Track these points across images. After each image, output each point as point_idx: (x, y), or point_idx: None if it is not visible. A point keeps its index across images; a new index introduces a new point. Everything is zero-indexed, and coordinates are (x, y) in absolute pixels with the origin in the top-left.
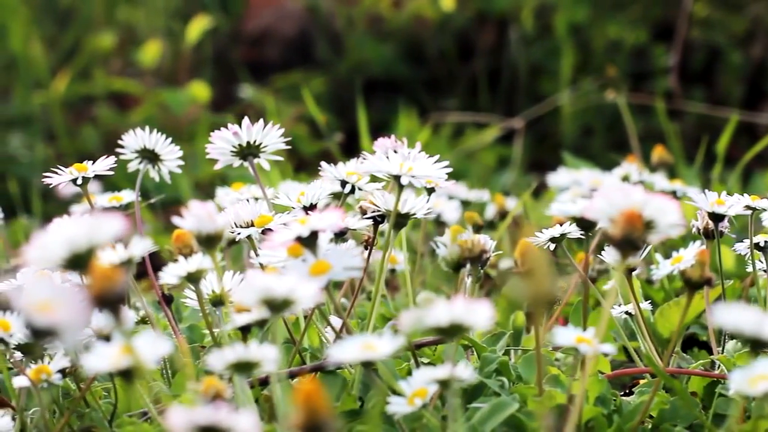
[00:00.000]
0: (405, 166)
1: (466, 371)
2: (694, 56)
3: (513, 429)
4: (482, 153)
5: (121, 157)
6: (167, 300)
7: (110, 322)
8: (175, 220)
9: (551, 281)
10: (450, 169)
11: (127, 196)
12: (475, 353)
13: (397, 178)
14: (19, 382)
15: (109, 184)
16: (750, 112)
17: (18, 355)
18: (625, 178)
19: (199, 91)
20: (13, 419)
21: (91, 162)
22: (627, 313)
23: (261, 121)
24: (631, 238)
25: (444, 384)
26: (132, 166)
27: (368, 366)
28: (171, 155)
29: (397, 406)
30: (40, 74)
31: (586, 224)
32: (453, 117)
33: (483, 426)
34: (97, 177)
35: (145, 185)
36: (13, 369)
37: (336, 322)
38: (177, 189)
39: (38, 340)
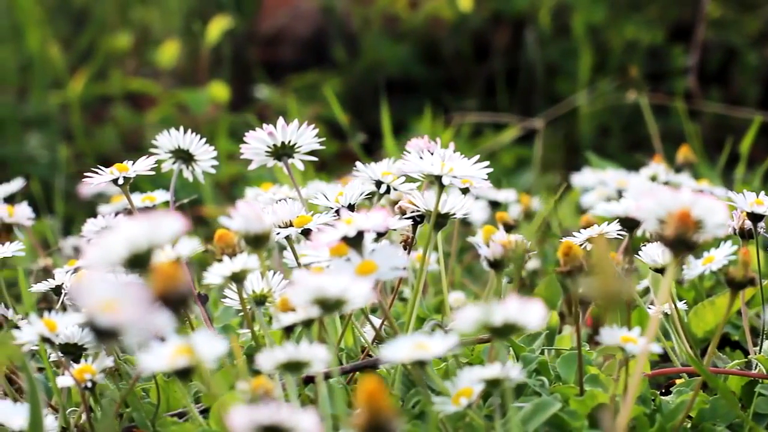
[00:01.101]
0: (446, 167)
1: (514, 371)
2: (710, 57)
3: (555, 428)
4: (501, 153)
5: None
6: (202, 300)
7: (173, 322)
8: (224, 220)
9: (620, 280)
10: (490, 170)
11: (160, 196)
12: (512, 353)
13: (438, 178)
14: (63, 381)
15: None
16: (766, 112)
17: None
18: (653, 178)
19: (219, 91)
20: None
21: (133, 162)
22: (663, 313)
23: (296, 121)
24: (684, 238)
25: (493, 383)
26: (165, 166)
27: (421, 366)
28: (205, 155)
29: (443, 406)
30: (57, 75)
31: (630, 224)
32: (473, 117)
33: (526, 425)
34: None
35: (164, 185)
36: (57, 368)
37: (376, 321)
38: (198, 189)
39: (101, 340)
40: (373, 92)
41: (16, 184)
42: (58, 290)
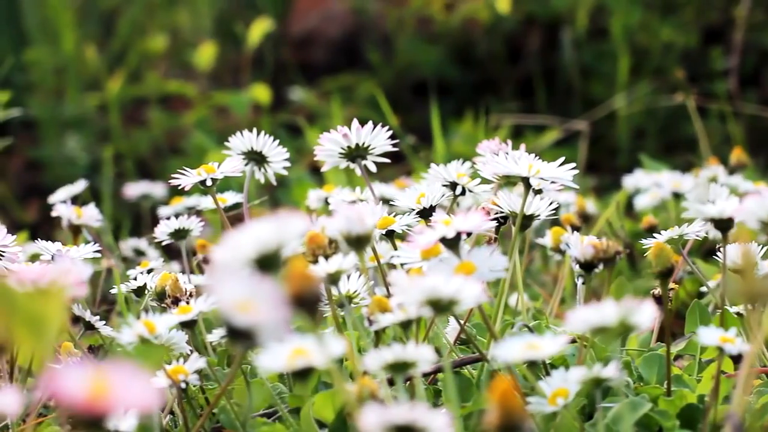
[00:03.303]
0: (534, 169)
1: (614, 371)
2: (744, 59)
3: (643, 428)
4: (542, 155)
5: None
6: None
7: (307, 322)
8: (324, 221)
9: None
10: (576, 172)
11: (232, 197)
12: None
13: (525, 180)
14: (158, 382)
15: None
16: None
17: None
18: (713, 180)
19: (261, 93)
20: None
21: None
22: (738, 313)
23: (370, 123)
24: None
25: (593, 383)
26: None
27: (533, 365)
28: (278, 157)
29: (538, 406)
30: (92, 77)
31: (724, 225)
32: (513, 119)
33: (617, 425)
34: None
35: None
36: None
37: (455, 323)
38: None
39: (236, 340)
40: (407, 94)
41: (79, 186)
42: (140, 291)
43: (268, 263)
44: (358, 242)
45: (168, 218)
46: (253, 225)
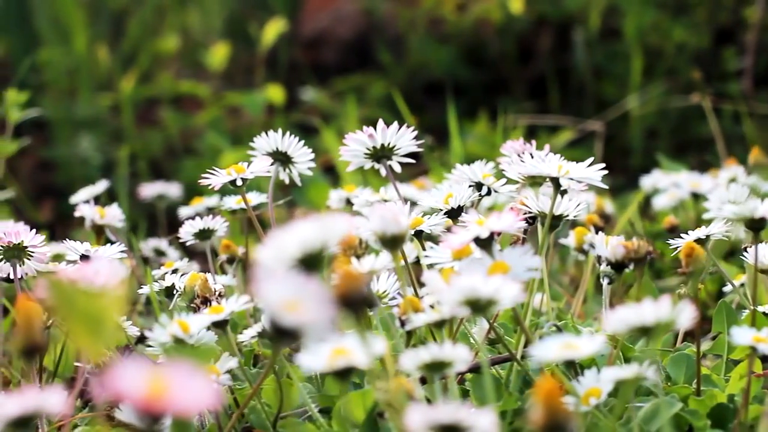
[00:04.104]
0: (563, 169)
1: (650, 370)
2: (757, 59)
3: (675, 428)
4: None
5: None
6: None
7: (353, 322)
8: (357, 221)
9: None
10: (605, 172)
11: (256, 198)
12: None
13: (555, 180)
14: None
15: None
16: None
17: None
18: (732, 180)
19: (275, 93)
20: None
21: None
22: (764, 313)
23: (395, 124)
24: None
25: (626, 383)
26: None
27: (570, 365)
28: (303, 157)
29: (570, 406)
30: (104, 77)
31: (758, 225)
32: (528, 119)
33: (648, 425)
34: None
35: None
36: None
37: (484, 322)
38: (259, 189)
39: (282, 339)
40: (419, 94)
41: (100, 186)
42: (168, 292)
43: (312, 263)
44: (393, 242)
45: (193, 218)
46: (297, 225)
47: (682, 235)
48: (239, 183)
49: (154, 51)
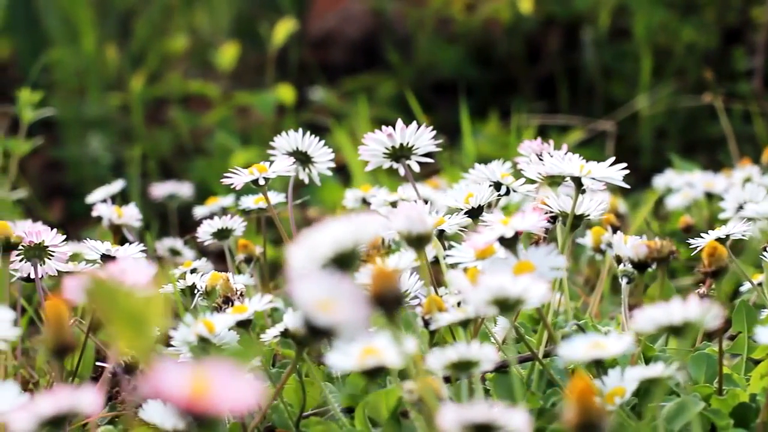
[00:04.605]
0: (585, 169)
1: (675, 370)
2: (766, 59)
3: (697, 428)
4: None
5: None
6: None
7: (387, 322)
8: (382, 221)
9: None
10: (627, 172)
11: (274, 197)
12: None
13: (576, 180)
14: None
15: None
16: None
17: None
18: (747, 180)
19: (285, 93)
20: None
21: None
22: None
23: (414, 123)
24: None
25: (653, 382)
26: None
27: (598, 365)
28: (322, 157)
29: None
30: (113, 77)
31: None
32: (538, 119)
33: (671, 424)
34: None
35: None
36: None
37: (503, 322)
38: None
39: (316, 338)
40: (427, 94)
41: (116, 186)
42: (189, 291)
43: (344, 263)
44: (419, 241)
45: (210, 218)
46: (329, 225)
47: (701, 234)
48: (261, 182)
49: (162, 51)
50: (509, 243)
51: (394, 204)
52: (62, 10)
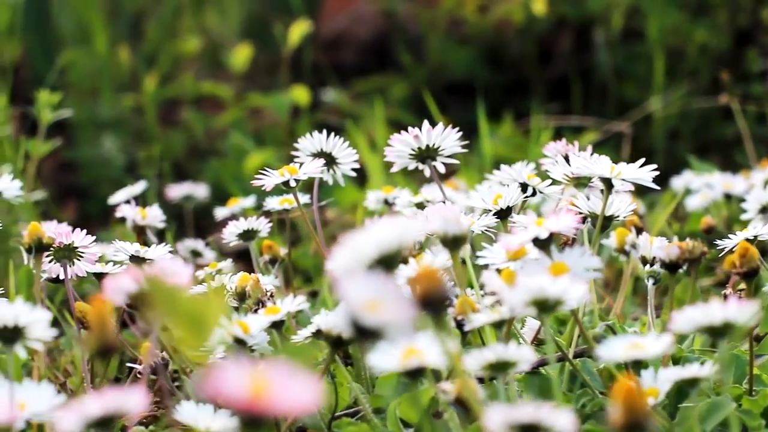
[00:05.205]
0: (615, 170)
1: (710, 371)
2: None
3: (727, 428)
4: None
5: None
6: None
7: (433, 323)
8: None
9: None
10: (657, 173)
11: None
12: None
13: (607, 181)
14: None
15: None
16: None
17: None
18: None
19: (300, 94)
20: None
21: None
22: None
23: (441, 124)
24: None
25: (690, 383)
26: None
27: (637, 365)
28: (347, 158)
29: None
30: (126, 78)
31: None
32: (553, 120)
33: (703, 425)
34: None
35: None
36: None
37: (533, 323)
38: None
39: (364, 339)
40: (439, 95)
41: (139, 187)
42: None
43: (388, 264)
44: (455, 243)
45: (236, 218)
46: (373, 226)
47: (728, 236)
48: (293, 184)
49: (174, 52)
50: (543, 244)
51: (419, 205)
52: (74, 10)
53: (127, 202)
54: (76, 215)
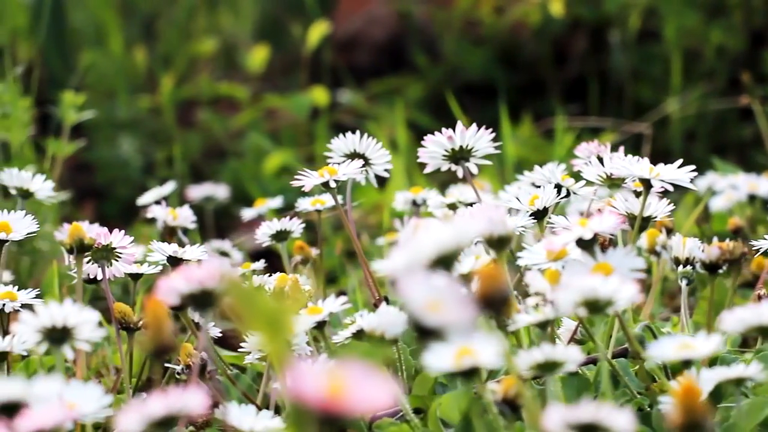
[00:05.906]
0: (654, 171)
1: (757, 371)
2: None
3: (766, 429)
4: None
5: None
6: (386, 301)
7: (494, 323)
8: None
9: None
10: (695, 174)
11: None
12: None
13: (645, 182)
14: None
15: None
16: None
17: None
18: None
19: (319, 95)
20: None
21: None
22: None
23: (474, 125)
24: None
25: (737, 383)
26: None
27: (688, 365)
28: (380, 159)
29: (667, 405)
30: (142, 79)
31: None
32: (572, 122)
33: (743, 424)
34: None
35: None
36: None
37: (570, 324)
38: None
39: (426, 339)
40: (455, 96)
41: (168, 188)
42: None
43: (447, 264)
44: (500, 243)
45: (269, 219)
46: (431, 227)
47: (765, 237)
48: (332, 185)
49: (190, 53)
50: (587, 245)
51: (451, 206)
52: (89, 11)
53: (158, 203)
54: (94, 216)
